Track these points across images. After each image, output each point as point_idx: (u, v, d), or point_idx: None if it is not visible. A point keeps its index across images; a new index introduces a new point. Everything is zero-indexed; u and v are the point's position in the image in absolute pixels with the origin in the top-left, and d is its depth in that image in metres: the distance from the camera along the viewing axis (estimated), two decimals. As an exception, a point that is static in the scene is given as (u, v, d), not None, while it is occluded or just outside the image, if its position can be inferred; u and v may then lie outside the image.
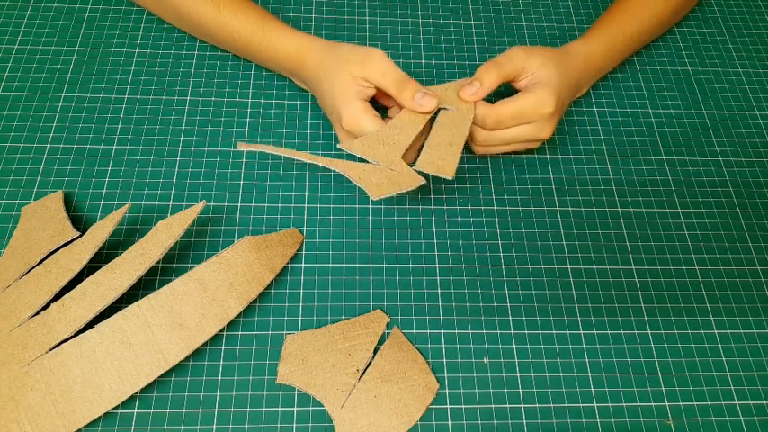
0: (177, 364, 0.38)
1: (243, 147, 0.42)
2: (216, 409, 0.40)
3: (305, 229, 0.47)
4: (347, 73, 0.44)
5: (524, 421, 0.41)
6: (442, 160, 0.42)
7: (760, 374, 0.44)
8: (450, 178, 0.41)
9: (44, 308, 0.39)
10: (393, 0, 0.61)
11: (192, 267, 0.40)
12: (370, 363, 0.41)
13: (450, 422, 0.40)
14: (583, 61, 0.49)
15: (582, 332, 0.44)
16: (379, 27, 0.59)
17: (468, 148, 0.50)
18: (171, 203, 0.47)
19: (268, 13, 0.50)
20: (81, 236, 0.42)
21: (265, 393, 0.41)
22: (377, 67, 0.44)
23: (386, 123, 0.44)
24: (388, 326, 0.43)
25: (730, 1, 0.64)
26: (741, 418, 0.42)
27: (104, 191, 0.47)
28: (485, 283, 0.46)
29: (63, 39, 0.55)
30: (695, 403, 0.42)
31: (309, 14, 0.59)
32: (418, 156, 0.43)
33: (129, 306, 0.38)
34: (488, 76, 0.44)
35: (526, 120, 0.45)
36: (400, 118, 0.44)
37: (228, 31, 0.49)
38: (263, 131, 0.51)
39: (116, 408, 0.38)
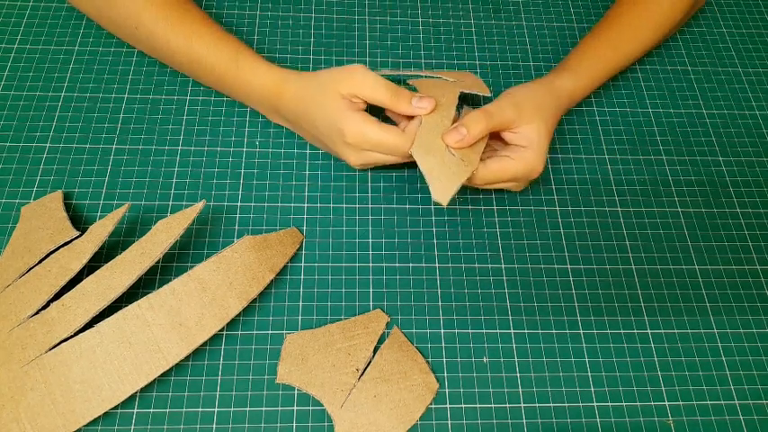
0: (177, 364, 0.38)
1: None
2: (216, 409, 0.40)
3: (305, 228, 0.47)
4: (336, 93, 0.43)
5: (524, 421, 0.41)
6: (444, 181, 0.42)
7: (760, 374, 0.44)
8: (444, 205, 0.41)
9: (44, 307, 0.39)
10: (392, 0, 0.61)
11: (191, 267, 0.40)
12: (370, 362, 0.41)
13: (449, 422, 0.40)
14: (567, 97, 0.49)
15: (582, 332, 0.44)
16: (379, 27, 0.59)
17: None
18: (171, 203, 0.47)
19: (242, 45, 0.48)
20: (81, 235, 0.42)
21: (265, 393, 0.41)
22: (365, 82, 0.43)
23: (391, 127, 0.43)
24: (388, 325, 0.43)
25: (731, 0, 0.64)
26: (741, 417, 0.42)
27: (104, 191, 0.47)
28: (485, 283, 0.46)
29: (62, 38, 0.55)
30: (695, 403, 0.42)
31: (309, 14, 0.59)
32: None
33: (129, 306, 0.38)
34: (476, 126, 0.42)
35: (514, 180, 0.45)
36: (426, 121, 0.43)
37: (203, 66, 0.48)
38: (264, 131, 0.51)
39: (116, 407, 0.38)
